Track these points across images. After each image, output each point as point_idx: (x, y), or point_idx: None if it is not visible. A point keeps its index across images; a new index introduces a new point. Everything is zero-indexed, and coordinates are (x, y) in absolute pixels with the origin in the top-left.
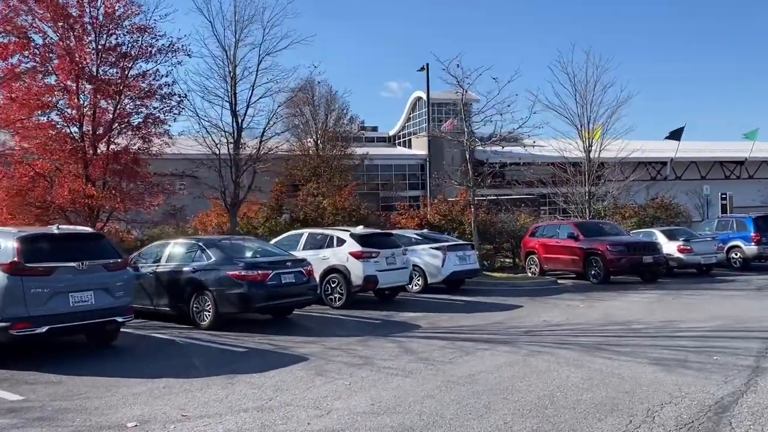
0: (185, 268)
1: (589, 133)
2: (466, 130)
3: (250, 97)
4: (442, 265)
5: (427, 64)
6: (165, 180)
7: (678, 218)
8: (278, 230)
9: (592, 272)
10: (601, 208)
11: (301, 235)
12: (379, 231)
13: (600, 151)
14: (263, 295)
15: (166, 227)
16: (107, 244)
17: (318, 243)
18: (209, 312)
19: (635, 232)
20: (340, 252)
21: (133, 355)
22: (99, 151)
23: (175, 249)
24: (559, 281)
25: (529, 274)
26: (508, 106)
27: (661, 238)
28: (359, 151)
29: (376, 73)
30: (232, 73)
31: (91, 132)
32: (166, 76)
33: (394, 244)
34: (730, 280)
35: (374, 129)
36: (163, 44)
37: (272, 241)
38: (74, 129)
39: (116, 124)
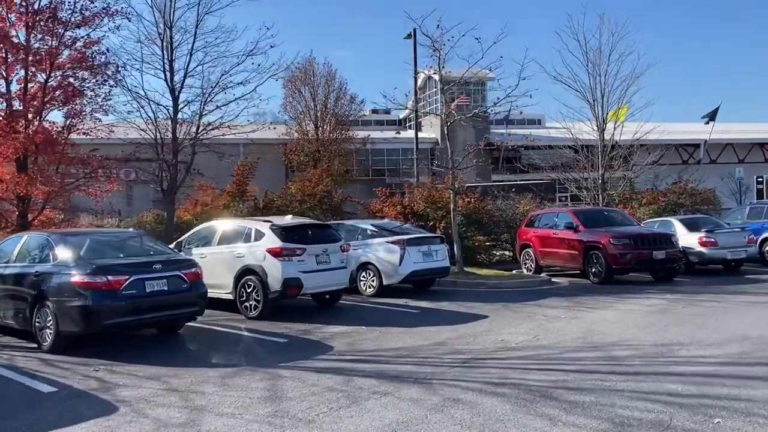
0: (30, 271)
1: (602, 108)
2: (443, 101)
3: (188, 65)
4: (400, 263)
5: (414, 30)
6: (112, 165)
7: (705, 205)
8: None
9: (593, 270)
10: (615, 194)
11: (217, 227)
12: (311, 222)
13: (616, 129)
14: (116, 309)
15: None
16: None
17: (234, 237)
18: (51, 330)
19: (650, 221)
20: (257, 248)
21: None
22: (30, 131)
23: (25, 244)
24: (553, 280)
25: (525, 271)
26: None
27: (679, 229)
28: (361, 134)
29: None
30: (164, 37)
31: (22, 111)
32: (98, 43)
33: (330, 238)
34: (763, 279)
35: (387, 112)
36: (98, 6)
37: (185, 236)
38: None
39: (48, 98)
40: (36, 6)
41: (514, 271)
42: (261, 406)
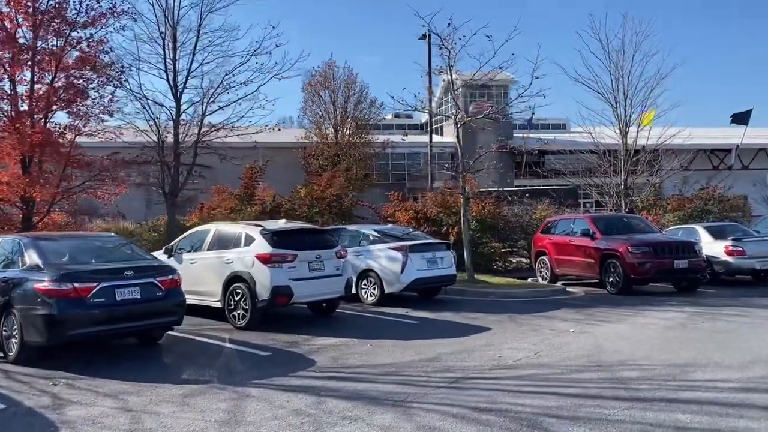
0: None
1: (625, 111)
2: (458, 105)
3: (191, 65)
4: (402, 271)
5: (429, 31)
6: (117, 168)
7: (734, 212)
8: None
9: (610, 280)
10: (639, 200)
11: (208, 231)
12: (305, 226)
13: (639, 133)
14: (83, 318)
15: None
16: None
17: (225, 242)
18: (17, 340)
19: (674, 228)
20: (246, 254)
21: None
22: (30, 131)
23: None
24: (568, 290)
25: (540, 280)
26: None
27: (704, 237)
28: (381, 138)
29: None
30: (166, 36)
31: (27, 111)
32: (103, 43)
33: (325, 243)
34: None
35: (409, 116)
36: (104, 7)
37: (175, 240)
38: (5, 107)
39: (53, 99)
40: (43, 6)
41: (529, 280)
42: (214, 431)
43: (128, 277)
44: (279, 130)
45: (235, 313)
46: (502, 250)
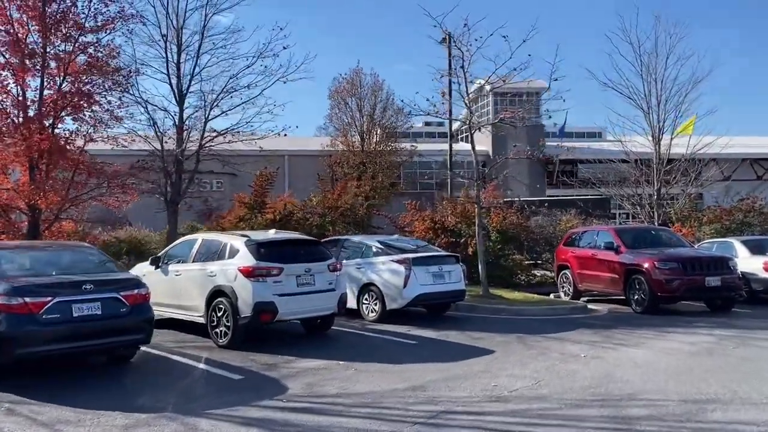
0: None
1: (658, 116)
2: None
3: (194, 68)
4: (405, 285)
5: (449, 34)
6: (125, 176)
7: None
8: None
9: (635, 297)
10: (673, 211)
11: (195, 241)
12: (296, 237)
13: (673, 140)
14: (34, 336)
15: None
16: None
17: (210, 253)
18: None
19: (708, 242)
20: (230, 267)
21: None
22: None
23: None
24: (590, 307)
25: (563, 295)
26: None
27: (741, 252)
28: (408, 146)
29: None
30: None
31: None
32: (110, 47)
33: (317, 256)
34: None
35: (440, 124)
36: (112, 11)
37: (164, 251)
38: (13, 112)
39: (61, 104)
40: (52, 11)
41: (551, 295)
42: None
43: (87, 291)
44: (285, 135)
45: (217, 330)
46: (526, 262)
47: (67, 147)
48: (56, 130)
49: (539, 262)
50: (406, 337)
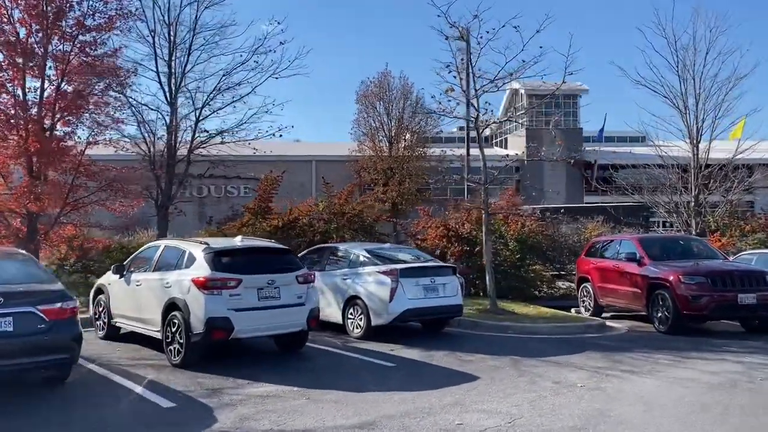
0: None
1: (696, 117)
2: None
3: (186, 66)
4: (391, 299)
5: (468, 30)
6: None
7: None
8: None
9: (658, 315)
10: (711, 220)
11: (157, 248)
12: (261, 245)
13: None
14: None
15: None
16: None
17: (169, 262)
18: None
19: (747, 254)
20: (185, 277)
21: None
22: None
23: None
24: (609, 324)
25: (583, 311)
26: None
27: None
28: (438, 151)
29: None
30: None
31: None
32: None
33: (285, 266)
34: None
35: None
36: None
37: (129, 258)
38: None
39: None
40: (52, 10)
41: (572, 310)
42: None
43: None
44: (281, 136)
45: (171, 347)
46: (548, 274)
47: (66, 149)
48: (56, 132)
49: (563, 273)
50: (386, 358)
